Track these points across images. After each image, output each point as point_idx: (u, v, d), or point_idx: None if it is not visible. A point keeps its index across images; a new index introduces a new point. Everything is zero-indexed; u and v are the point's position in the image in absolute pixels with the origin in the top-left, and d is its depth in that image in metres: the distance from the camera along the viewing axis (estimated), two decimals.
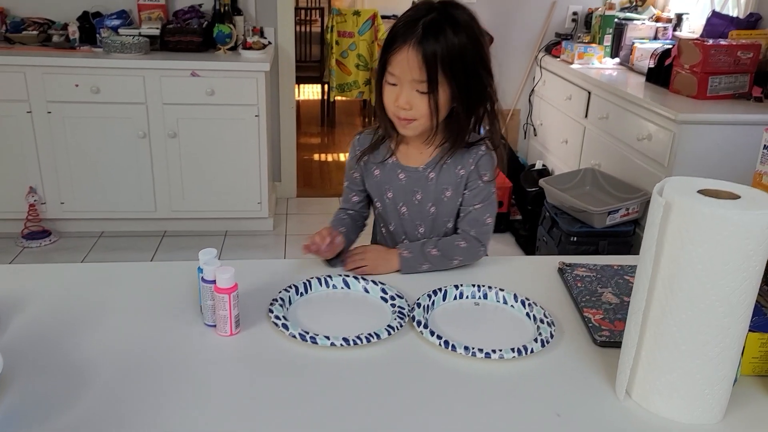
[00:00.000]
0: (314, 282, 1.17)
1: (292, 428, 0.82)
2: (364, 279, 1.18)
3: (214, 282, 1.00)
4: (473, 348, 0.96)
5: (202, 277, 1.02)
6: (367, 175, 1.34)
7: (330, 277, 1.18)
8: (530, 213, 3.25)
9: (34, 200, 3.09)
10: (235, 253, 3.15)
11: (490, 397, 0.89)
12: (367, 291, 1.16)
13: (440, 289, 1.13)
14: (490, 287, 1.14)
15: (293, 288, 1.14)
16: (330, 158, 4.76)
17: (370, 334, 1.00)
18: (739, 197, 0.79)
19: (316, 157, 4.75)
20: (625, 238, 2.67)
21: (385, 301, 1.12)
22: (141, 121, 3.04)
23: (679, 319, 0.80)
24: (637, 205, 2.63)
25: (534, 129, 3.86)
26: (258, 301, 1.10)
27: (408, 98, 1.16)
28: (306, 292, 1.15)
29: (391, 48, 1.15)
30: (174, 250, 3.16)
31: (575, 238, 2.65)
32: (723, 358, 0.80)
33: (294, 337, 0.99)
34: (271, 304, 1.07)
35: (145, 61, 2.98)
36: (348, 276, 1.18)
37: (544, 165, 3.63)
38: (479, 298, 1.13)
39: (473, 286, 1.14)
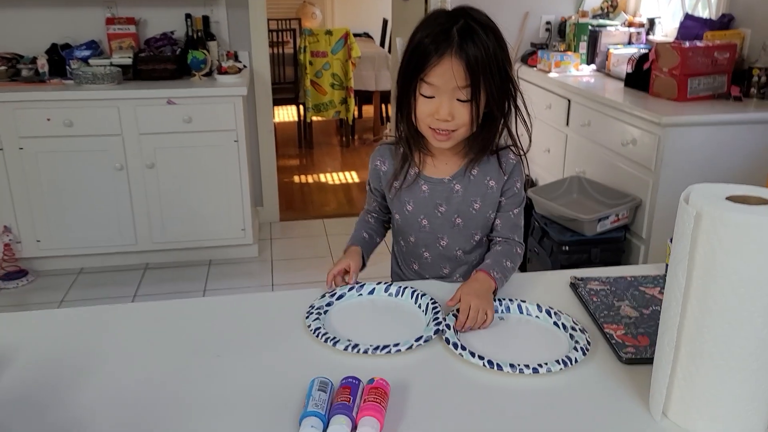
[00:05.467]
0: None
1: None
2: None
3: None
4: (519, 365, 0.93)
5: None
6: (386, 187, 1.32)
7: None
8: None
9: (9, 240, 2.98)
10: (221, 283, 3.07)
11: (515, 421, 0.84)
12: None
13: None
14: (511, 300, 1.11)
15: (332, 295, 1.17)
16: (311, 180, 4.70)
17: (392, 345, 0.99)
18: None
19: (296, 179, 4.70)
20: (617, 244, 2.65)
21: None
22: (117, 152, 2.97)
23: (715, 334, 0.76)
24: (627, 211, 2.62)
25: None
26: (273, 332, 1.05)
27: (449, 109, 1.13)
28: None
29: (427, 60, 1.11)
30: (158, 282, 3.07)
31: (567, 247, 2.63)
32: (764, 372, 0.77)
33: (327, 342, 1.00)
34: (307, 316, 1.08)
35: (118, 91, 2.91)
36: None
37: (527, 175, 3.61)
38: (502, 311, 1.10)
39: (494, 300, 1.10)
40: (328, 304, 1.12)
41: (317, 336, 1.01)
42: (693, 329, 0.78)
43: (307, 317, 1.07)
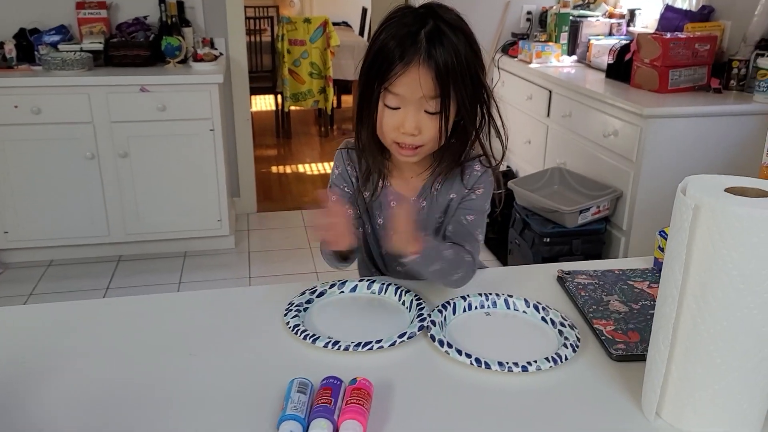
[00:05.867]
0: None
1: None
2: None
3: None
4: (508, 363, 0.89)
5: None
6: (355, 198, 1.21)
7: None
8: (498, 215, 3.20)
9: None
10: (197, 275, 3.01)
11: (504, 422, 0.81)
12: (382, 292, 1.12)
13: (449, 303, 1.05)
14: (498, 294, 1.07)
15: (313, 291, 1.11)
16: (289, 170, 4.63)
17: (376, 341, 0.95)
18: None
19: (274, 169, 4.62)
20: (598, 236, 2.64)
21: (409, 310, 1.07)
22: (88, 141, 2.88)
23: (713, 330, 0.73)
24: (608, 202, 2.61)
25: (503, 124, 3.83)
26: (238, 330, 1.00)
27: (415, 122, 1.02)
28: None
29: (392, 68, 1.00)
30: (131, 274, 3.00)
31: (548, 239, 2.61)
32: (763, 369, 0.74)
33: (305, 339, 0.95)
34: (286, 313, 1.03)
35: (89, 78, 2.82)
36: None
37: (508, 166, 3.59)
38: (488, 307, 1.06)
39: (480, 295, 1.07)
40: (308, 302, 1.08)
41: (296, 333, 0.97)
42: (689, 326, 0.75)
43: (285, 314, 1.02)
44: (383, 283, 1.12)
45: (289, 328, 0.98)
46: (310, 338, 0.95)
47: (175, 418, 0.81)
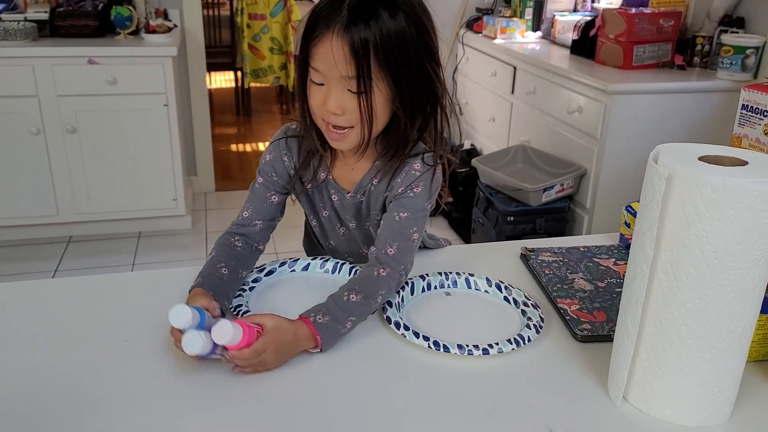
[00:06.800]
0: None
1: None
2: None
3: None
4: (468, 346, 0.84)
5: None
6: (297, 187, 1.08)
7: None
8: (462, 194, 3.15)
9: None
10: (152, 256, 2.90)
11: (464, 407, 0.75)
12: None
13: (407, 282, 0.99)
14: (458, 273, 1.02)
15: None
16: (249, 148, 4.51)
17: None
18: (745, 163, 0.68)
19: (233, 147, 4.50)
20: (561, 214, 2.61)
21: None
22: (33, 115, 2.72)
23: (685, 309, 0.69)
24: (571, 180, 2.58)
25: (459, 108, 3.77)
26: None
27: (339, 101, 0.90)
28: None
29: (312, 36, 0.89)
30: (82, 256, 2.87)
31: (512, 218, 2.57)
32: (734, 350, 0.70)
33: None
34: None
35: (33, 49, 2.66)
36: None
37: (472, 144, 3.54)
38: (448, 286, 1.00)
39: (440, 274, 1.01)
40: (255, 281, 1.00)
41: (237, 314, 0.90)
42: (660, 305, 0.70)
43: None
44: (337, 262, 1.06)
45: (231, 309, 0.91)
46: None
47: (104, 410, 0.74)
